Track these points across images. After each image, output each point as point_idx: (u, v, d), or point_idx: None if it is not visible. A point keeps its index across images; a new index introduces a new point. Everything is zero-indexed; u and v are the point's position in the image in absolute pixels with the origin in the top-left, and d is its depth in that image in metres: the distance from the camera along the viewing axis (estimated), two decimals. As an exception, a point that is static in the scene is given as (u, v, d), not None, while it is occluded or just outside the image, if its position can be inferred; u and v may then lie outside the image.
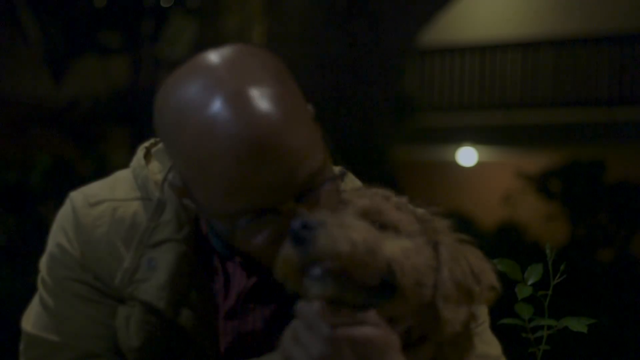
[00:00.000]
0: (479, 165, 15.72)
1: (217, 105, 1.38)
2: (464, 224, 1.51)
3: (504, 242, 11.61)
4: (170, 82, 1.46)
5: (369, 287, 1.37)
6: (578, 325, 1.72)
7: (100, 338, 1.56)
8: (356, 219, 1.40)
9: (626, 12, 14.87)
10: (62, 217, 1.60)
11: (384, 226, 1.41)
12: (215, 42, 1.50)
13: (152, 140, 1.66)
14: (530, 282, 1.74)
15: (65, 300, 1.56)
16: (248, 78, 1.41)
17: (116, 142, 12.26)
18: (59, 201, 1.66)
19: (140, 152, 1.63)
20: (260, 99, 1.39)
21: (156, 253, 1.53)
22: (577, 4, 15.54)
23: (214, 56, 1.44)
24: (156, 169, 1.60)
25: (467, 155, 15.57)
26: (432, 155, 15.67)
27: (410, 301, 1.40)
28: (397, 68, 12.21)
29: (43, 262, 1.61)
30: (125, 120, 12.38)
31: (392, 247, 1.39)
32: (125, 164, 1.65)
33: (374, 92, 11.35)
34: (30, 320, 1.60)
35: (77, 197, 1.60)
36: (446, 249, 1.44)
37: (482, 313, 1.64)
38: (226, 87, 1.40)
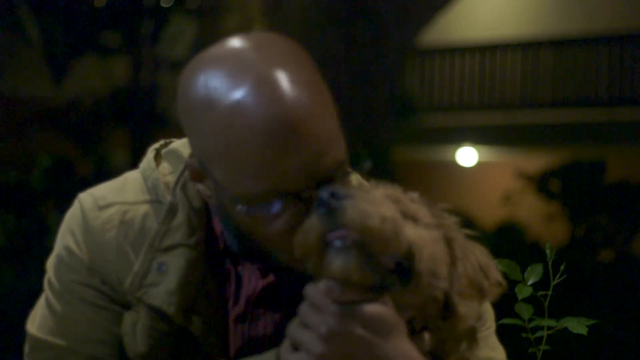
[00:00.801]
0: (479, 165, 15.72)
1: (248, 87, 1.39)
2: (464, 224, 1.51)
3: (504, 242, 11.61)
4: (196, 64, 1.46)
5: (385, 268, 1.37)
6: (578, 326, 1.72)
7: (105, 344, 1.55)
8: (384, 199, 1.40)
9: (626, 12, 14.86)
10: (71, 219, 1.58)
11: (403, 214, 1.41)
12: (215, 42, 1.49)
13: (161, 142, 1.64)
14: (530, 282, 1.74)
15: (71, 304, 1.55)
16: (277, 62, 1.41)
17: (116, 142, 12.26)
18: (59, 201, 1.65)
19: (150, 153, 1.61)
20: (291, 83, 1.40)
21: (167, 257, 1.52)
22: (577, 4, 15.53)
23: (239, 41, 1.45)
24: (166, 171, 1.59)
25: (467, 155, 15.57)
26: (432, 155, 15.66)
27: (422, 290, 1.39)
28: (397, 68, 12.20)
29: (50, 264, 1.59)
30: (125, 120, 12.37)
31: (413, 233, 1.40)
32: (125, 164, 1.65)
33: (374, 92, 11.34)
34: (36, 322, 1.58)
35: (86, 199, 1.58)
36: (458, 244, 1.44)
37: (489, 318, 1.64)
38: (257, 69, 1.40)
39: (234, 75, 1.40)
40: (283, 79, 1.40)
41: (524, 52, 15.24)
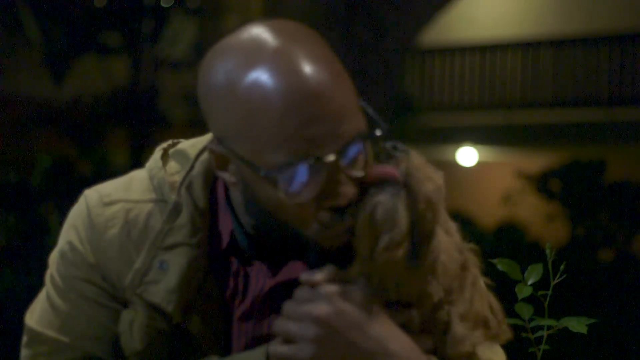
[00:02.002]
0: (479, 165, 15.73)
1: (265, 61, 1.43)
2: (463, 224, 1.53)
3: (504, 242, 11.61)
4: (213, 52, 1.50)
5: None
6: (578, 325, 1.72)
7: (102, 341, 1.56)
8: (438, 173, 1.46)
9: (626, 12, 14.87)
10: (75, 215, 1.60)
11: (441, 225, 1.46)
12: (215, 42, 1.51)
13: (169, 142, 1.66)
14: (530, 282, 1.74)
15: (71, 300, 1.56)
16: (292, 39, 1.46)
17: (116, 142, 12.26)
18: (59, 201, 1.65)
19: (158, 153, 1.62)
20: (308, 56, 1.44)
21: (168, 256, 1.53)
22: (577, 4, 15.54)
23: (253, 26, 1.49)
24: (173, 170, 1.60)
25: (467, 155, 15.58)
26: (432, 155, 15.67)
27: (421, 275, 1.42)
28: (397, 68, 12.20)
29: (52, 258, 1.60)
30: (125, 120, 12.38)
31: (442, 239, 1.44)
32: (125, 164, 1.65)
33: (374, 92, 11.34)
34: (35, 315, 1.60)
35: (92, 195, 1.60)
36: (472, 276, 1.47)
37: None
38: (272, 46, 1.44)
39: (251, 54, 1.44)
40: (299, 53, 1.44)
41: (524, 52, 15.25)
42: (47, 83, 12.58)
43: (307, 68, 1.43)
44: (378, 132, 1.49)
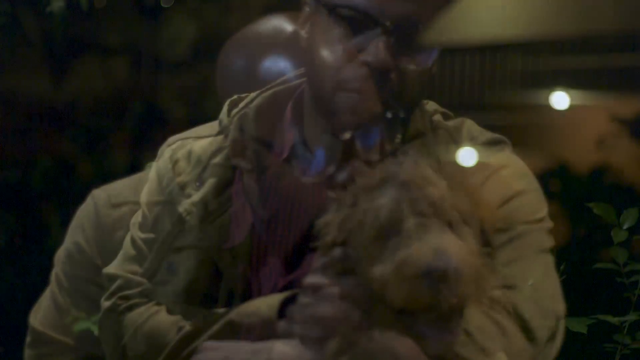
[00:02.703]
0: (479, 165, 15.71)
1: (284, 41, 1.50)
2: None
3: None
4: (236, 37, 1.58)
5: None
6: (578, 325, 1.72)
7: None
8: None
9: (626, 12, 14.86)
10: (83, 214, 1.60)
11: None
12: (215, 42, 1.52)
13: (178, 143, 1.66)
14: (530, 283, 1.74)
15: (75, 301, 1.56)
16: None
17: (116, 143, 12.25)
18: (59, 201, 1.66)
19: (167, 153, 1.63)
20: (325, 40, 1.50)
21: (177, 258, 1.54)
22: (577, 4, 15.54)
23: (272, 16, 1.58)
24: (182, 171, 1.60)
25: (467, 155, 15.56)
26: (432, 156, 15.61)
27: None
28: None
29: (58, 257, 1.60)
30: (125, 120, 12.36)
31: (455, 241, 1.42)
32: (125, 164, 1.66)
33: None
34: (39, 315, 1.60)
35: (100, 195, 1.60)
36: (488, 283, 1.46)
37: None
38: (291, 28, 1.53)
39: (269, 37, 1.52)
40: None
41: (524, 52, 15.25)
42: (47, 83, 12.57)
43: (325, 49, 1.47)
44: (389, 115, 1.50)
